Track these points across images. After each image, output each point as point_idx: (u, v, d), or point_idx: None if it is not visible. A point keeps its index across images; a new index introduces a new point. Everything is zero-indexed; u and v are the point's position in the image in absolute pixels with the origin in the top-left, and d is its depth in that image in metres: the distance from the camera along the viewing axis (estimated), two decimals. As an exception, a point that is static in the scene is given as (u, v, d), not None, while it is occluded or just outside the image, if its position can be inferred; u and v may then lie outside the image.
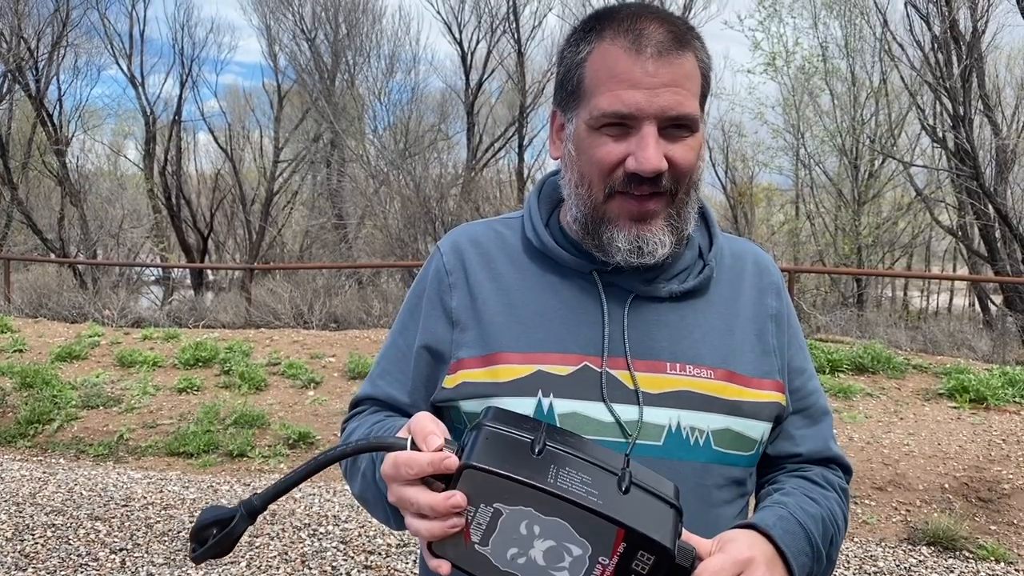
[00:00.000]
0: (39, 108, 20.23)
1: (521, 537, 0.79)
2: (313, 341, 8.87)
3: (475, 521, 0.80)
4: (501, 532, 0.80)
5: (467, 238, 1.16)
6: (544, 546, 0.79)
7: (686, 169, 1.02)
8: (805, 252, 18.85)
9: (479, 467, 0.80)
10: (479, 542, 0.81)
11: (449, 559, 0.82)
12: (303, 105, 24.17)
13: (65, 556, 4.07)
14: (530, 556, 0.80)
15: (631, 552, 0.78)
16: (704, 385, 1.04)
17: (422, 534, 0.81)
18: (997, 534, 4.37)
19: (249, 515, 0.88)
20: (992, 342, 9.31)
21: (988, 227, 14.03)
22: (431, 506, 0.80)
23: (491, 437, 0.82)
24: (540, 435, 0.82)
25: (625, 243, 1.02)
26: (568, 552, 0.79)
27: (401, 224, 15.10)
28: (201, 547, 0.88)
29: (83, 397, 6.85)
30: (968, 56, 13.33)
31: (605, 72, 1.00)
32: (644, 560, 0.78)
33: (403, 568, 3.95)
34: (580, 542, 0.78)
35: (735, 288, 1.13)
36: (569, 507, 0.78)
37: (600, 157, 1.01)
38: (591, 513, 0.77)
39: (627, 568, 0.78)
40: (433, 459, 0.81)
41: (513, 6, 22.17)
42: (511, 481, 0.79)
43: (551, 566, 0.79)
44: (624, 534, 0.77)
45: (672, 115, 0.99)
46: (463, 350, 1.08)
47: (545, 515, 0.79)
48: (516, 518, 0.79)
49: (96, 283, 13.10)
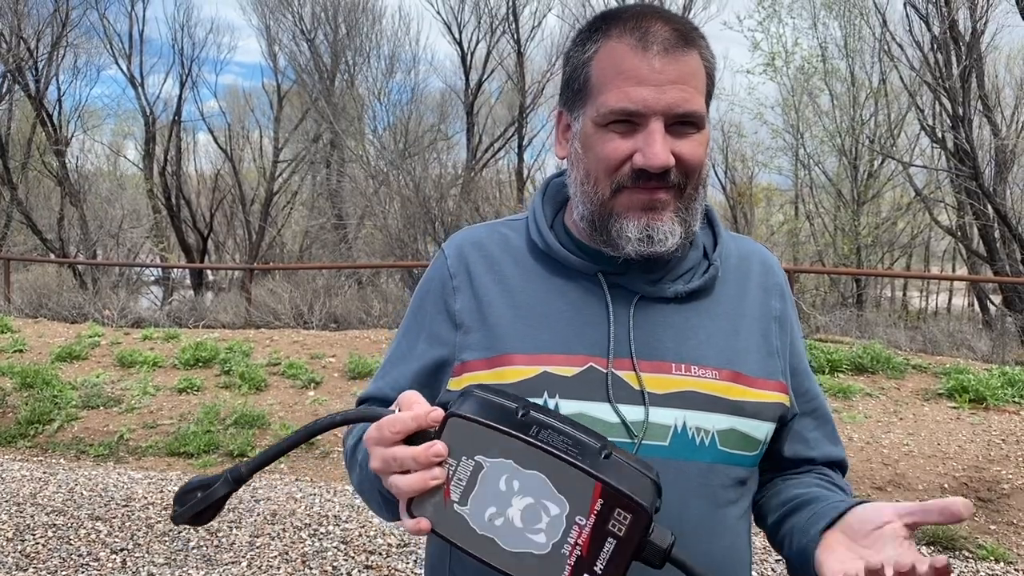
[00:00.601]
0: (39, 108, 20.22)
1: (500, 494, 0.80)
2: (313, 341, 8.87)
3: (456, 477, 0.81)
4: (481, 488, 0.81)
5: (471, 241, 1.16)
6: (522, 504, 0.80)
7: (694, 164, 1.02)
8: (804, 252, 18.86)
9: (464, 415, 0.81)
10: (459, 501, 0.81)
11: (428, 518, 0.82)
12: (303, 105, 24.17)
13: (66, 556, 4.07)
14: (508, 516, 0.80)
15: (608, 511, 0.78)
16: (709, 385, 1.04)
17: (402, 489, 0.82)
18: (996, 534, 4.38)
19: (234, 481, 0.90)
20: (991, 342, 9.32)
21: (987, 227, 14.05)
22: (413, 456, 0.81)
23: (477, 399, 0.84)
24: (524, 403, 0.83)
25: (636, 232, 1.02)
26: (546, 511, 0.79)
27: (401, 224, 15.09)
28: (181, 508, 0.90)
29: (83, 397, 6.85)
30: (967, 56, 13.35)
31: (612, 69, 1.01)
32: (621, 520, 0.78)
33: (404, 568, 3.96)
34: (558, 499, 0.79)
35: (741, 288, 1.13)
36: (549, 459, 0.79)
37: (607, 153, 1.01)
38: (570, 466, 0.78)
39: (604, 529, 0.78)
40: (417, 414, 0.83)
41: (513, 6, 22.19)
42: (494, 431, 0.80)
43: (528, 527, 0.80)
44: (601, 489, 0.78)
45: (679, 112, 0.99)
46: (467, 353, 1.08)
47: (525, 468, 0.79)
48: (497, 472, 0.80)
49: (96, 283, 13.10)
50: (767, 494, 1.17)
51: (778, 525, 1.09)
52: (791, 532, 1.04)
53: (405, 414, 0.84)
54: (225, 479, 0.90)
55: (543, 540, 0.79)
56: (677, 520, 1.00)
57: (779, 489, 1.15)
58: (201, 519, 0.91)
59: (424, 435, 0.83)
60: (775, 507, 1.12)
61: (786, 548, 1.04)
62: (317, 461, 5.75)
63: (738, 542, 1.08)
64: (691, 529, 1.01)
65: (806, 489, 1.11)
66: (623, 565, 0.78)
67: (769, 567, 4.01)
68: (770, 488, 1.18)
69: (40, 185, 24.06)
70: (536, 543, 0.79)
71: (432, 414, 0.83)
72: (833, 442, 1.19)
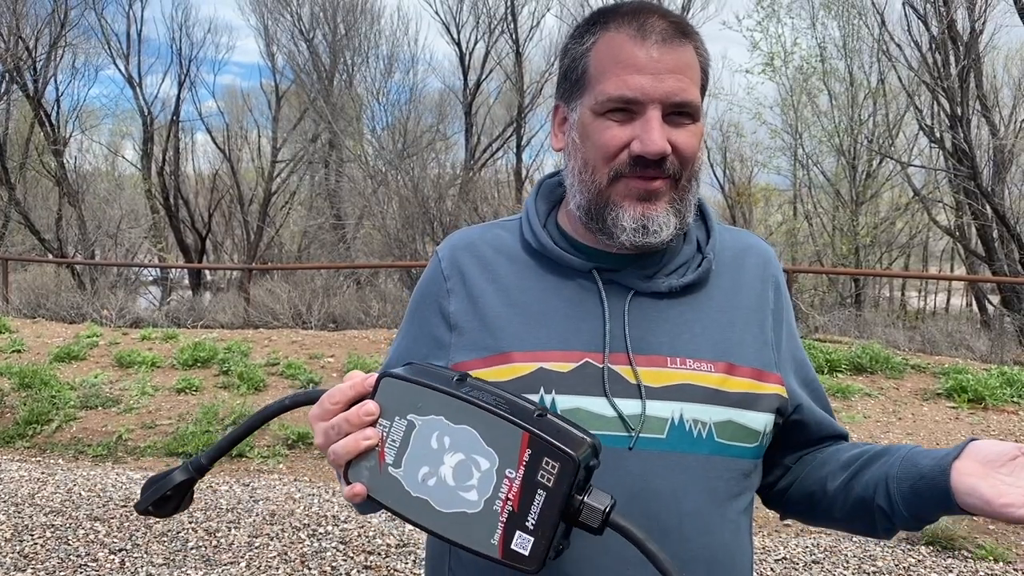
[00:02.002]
0: (37, 108, 20.22)
1: (432, 452, 0.81)
2: (312, 341, 8.87)
3: (390, 439, 0.83)
4: (414, 447, 0.82)
5: (464, 242, 1.17)
6: (454, 460, 0.80)
7: (689, 154, 1.03)
8: (803, 252, 18.89)
9: (396, 374, 0.84)
10: (392, 463, 0.82)
11: (364, 483, 0.84)
12: (301, 105, 24.19)
13: (64, 557, 4.07)
14: (440, 475, 0.81)
15: (536, 461, 0.78)
16: (705, 378, 1.04)
17: (338, 453, 0.84)
18: (995, 533, 4.38)
19: (194, 470, 0.92)
20: (990, 342, 9.32)
21: (986, 227, 14.06)
22: (345, 418, 0.84)
23: (416, 367, 0.86)
24: (463, 375, 0.85)
25: (631, 222, 1.03)
26: (476, 467, 0.80)
27: (399, 224, 15.09)
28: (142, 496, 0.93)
29: (82, 397, 6.84)
30: (966, 56, 13.36)
31: (610, 59, 1.02)
32: (549, 469, 0.78)
33: (403, 568, 3.96)
34: (488, 452, 0.79)
35: (736, 280, 1.14)
36: (478, 413, 0.80)
37: (605, 141, 1.02)
38: (498, 418, 0.79)
39: (533, 479, 0.78)
40: (355, 382, 0.86)
41: (511, 6, 22.20)
42: (426, 388, 0.82)
43: (460, 485, 0.80)
44: (529, 439, 0.78)
45: (676, 100, 1.01)
46: (462, 353, 1.08)
47: (455, 424, 0.80)
48: (428, 430, 0.81)
49: (94, 283, 13.08)
50: (807, 469, 1.17)
51: (850, 482, 1.09)
52: (882, 479, 1.04)
53: (343, 384, 0.86)
54: (184, 467, 0.92)
55: (475, 497, 0.80)
56: (675, 513, 1.00)
57: (824, 459, 1.16)
58: (165, 509, 0.93)
59: None
60: (835, 472, 1.12)
61: (880, 496, 1.04)
62: (316, 461, 5.75)
63: (739, 537, 1.07)
64: (689, 522, 1.01)
65: (859, 449, 1.12)
66: (554, 519, 0.78)
67: (768, 567, 4.01)
68: (804, 465, 1.18)
69: (38, 185, 24.05)
70: (468, 501, 0.80)
71: (368, 379, 0.85)
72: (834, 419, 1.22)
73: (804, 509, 1.18)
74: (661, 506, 1.00)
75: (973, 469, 0.94)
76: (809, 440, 1.18)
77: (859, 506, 1.07)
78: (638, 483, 0.99)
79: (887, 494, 1.03)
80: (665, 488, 1.00)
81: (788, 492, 1.19)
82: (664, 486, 1.00)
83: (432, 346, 1.13)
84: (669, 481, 1.00)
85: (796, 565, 4.03)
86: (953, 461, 0.95)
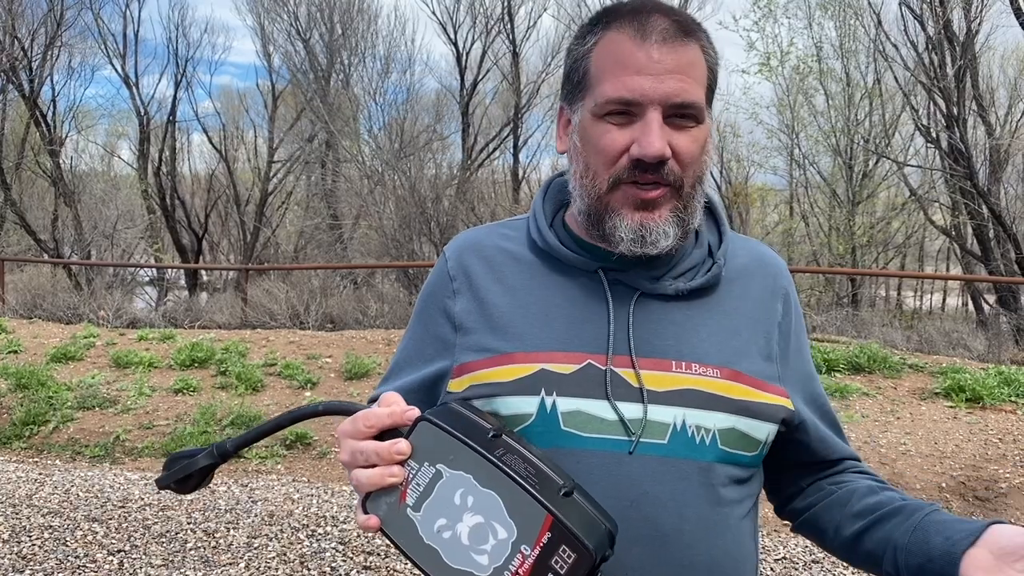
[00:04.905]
0: (33, 108, 20.16)
1: (453, 507, 0.81)
2: (309, 342, 8.86)
3: (414, 481, 0.83)
4: (436, 497, 0.82)
5: (471, 243, 1.16)
6: (472, 521, 0.80)
7: (689, 159, 1.00)
8: (799, 252, 18.91)
9: (435, 422, 0.83)
10: (412, 505, 0.83)
11: (380, 517, 0.84)
12: (297, 105, 24.15)
13: (62, 558, 4.05)
14: (456, 531, 0.81)
15: (553, 546, 0.78)
16: (710, 384, 1.03)
17: (362, 482, 0.85)
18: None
19: (219, 455, 0.95)
20: (987, 341, 9.34)
21: (982, 227, 14.10)
22: (376, 450, 0.84)
23: (453, 411, 0.86)
24: (499, 427, 0.84)
25: (628, 232, 1.01)
26: (494, 533, 0.80)
27: (396, 224, 15.07)
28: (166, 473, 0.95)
29: (79, 398, 6.82)
30: (962, 56, 13.38)
31: (610, 60, 1.00)
32: (564, 557, 0.78)
33: (402, 569, 3.95)
34: (508, 523, 0.79)
35: (744, 289, 1.12)
36: (507, 482, 0.79)
37: (604, 145, 1.00)
38: (525, 492, 0.79)
39: (545, 564, 0.78)
40: (393, 411, 0.86)
41: (508, 7, 22.19)
42: (460, 443, 0.82)
43: (474, 546, 0.80)
44: (551, 523, 0.78)
45: (677, 102, 0.98)
46: (467, 354, 1.08)
47: (482, 486, 0.80)
48: (454, 484, 0.81)
49: (91, 284, 13.04)
50: (822, 505, 1.14)
51: (861, 536, 1.06)
52: (891, 546, 1.01)
53: (381, 409, 0.86)
54: (210, 451, 0.95)
55: (485, 562, 0.80)
56: (677, 519, 0.99)
57: (839, 500, 1.12)
58: (185, 488, 0.96)
59: (395, 434, 0.85)
60: (848, 519, 1.09)
61: (888, 562, 1.01)
62: (314, 462, 5.74)
63: (741, 542, 1.06)
64: (691, 528, 0.99)
65: (875, 499, 1.08)
66: None
67: (768, 567, 4.01)
68: (821, 495, 1.15)
69: (34, 185, 23.99)
70: (478, 564, 0.80)
71: (408, 413, 0.85)
72: (844, 439, 1.19)
73: (815, 539, 1.16)
74: (661, 512, 0.98)
75: (985, 562, 0.89)
76: (816, 459, 1.16)
77: (868, 560, 1.05)
78: (638, 488, 0.98)
79: (895, 564, 1.00)
80: (665, 494, 0.99)
81: (801, 518, 1.17)
82: (664, 492, 0.99)
83: (438, 346, 1.12)
84: (670, 487, 0.99)
85: (796, 565, 4.03)
86: (967, 548, 0.91)
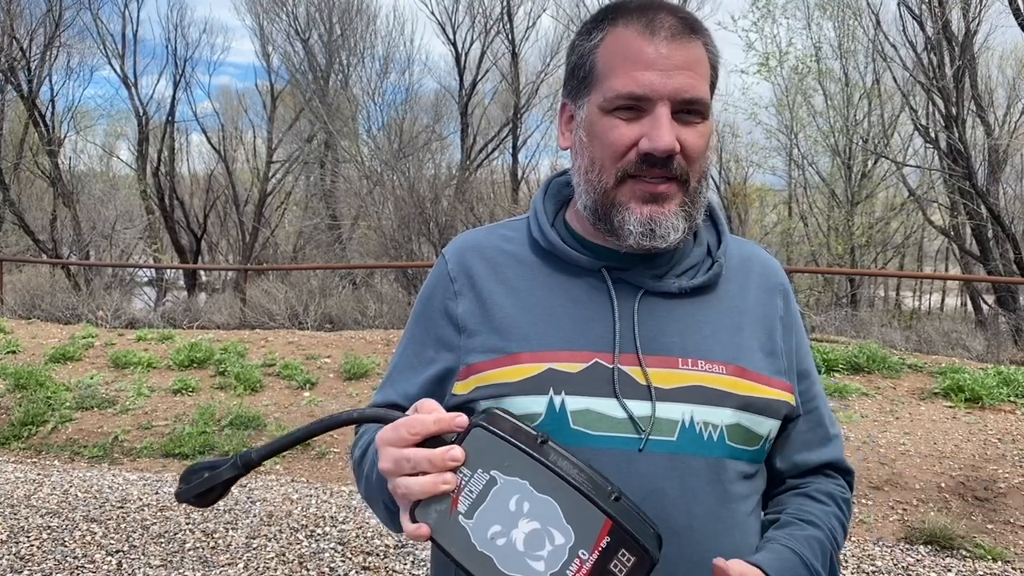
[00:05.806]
0: (31, 108, 20.16)
1: (508, 513, 0.79)
2: (308, 342, 8.85)
3: (467, 488, 0.81)
4: (490, 504, 0.80)
5: (471, 244, 1.16)
6: (528, 527, 0.79)
7: (696, 154, 1.02)
8: (798, 252, 18.91)
9: (489, 428, 0.81)
10: (464, 513, 0.80)
11: (430, 525, 0.81)
12: (296, 106, 24.16)
13: (61, 558, 4.05)
14: (511, 538, 0.79)
15: (612, 550, 0.77)
16: (717, 380, 1.03)
17: (412, 490, 0.81)
18: (994, 533, 4.39)
19: (243, 466, 0.90)
20: (986, 341, 9.34)
21: (980, 227, 14.11)
22: (428, 458, 0.81)
23: (501, 417, 0.84)
24: (544, 435, 0.83)
25: (637, 225, 1.01)
26: (550, 539, 0.78)
27: (395, 225, 15.07)
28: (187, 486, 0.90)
29: (78, 398, 6.82)
30: (961, 57, 13.39)
31: (619, 55, 1.01)
32: (623, 561, 0.77)
33: (401, 569, 3.95)
34: (565, 529, 0.78)
35: (743, 287, 1.13)
36: (565, 487, 0.78)
37: (613, 139, 1.01)
38: (584, 497, 0.78)
39: (604, 568, 0.77)
40: (441, 418, 0.83)
41: (507, 7, 22.21)
42: (516, 448, 0.80)
43: (530, 553, 0.79)
44: (611, 527, 0.77)
45: (686, 97, 0.99)
46: (472, 355, 1.07)
47: (539, 492, 0.79)
48: (509, 490, 0.80)
49: (89, 284, 13.04)
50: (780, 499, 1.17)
51: None
52: None
53: (427, 416, 0.83)
54: (233, 463, 0.90)
55: (542, 568, 0.78)
56: (686, 515, 0.99)
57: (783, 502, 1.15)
58: (205, 500, 0.91)
59: (439, 441, 0.83)
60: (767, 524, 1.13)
61: None
62: (313, 462, 5.73)
63: (749, 538, 1.06)
64: (700, 524, 1.00)
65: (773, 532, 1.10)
66: None
67: (767, 567, 4.01)
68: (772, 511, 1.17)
69: (32, 186, 23.99)
70: (534, 570, 0.79)
71: (458, 419, 0.82)
72: (823, 444, 1.17)
73: None
74: (671, 508, 0.99)
75: None
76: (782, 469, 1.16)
77: None
78: (648, 485, 0.98)
79: None
80: (675, 490, 0.99)
81: None
82: (674, 488, 0.99)
83: (440, 349, 1.11)
84: (679, 483, 0.99)
85: (795, 565, 4.03)
86: None
